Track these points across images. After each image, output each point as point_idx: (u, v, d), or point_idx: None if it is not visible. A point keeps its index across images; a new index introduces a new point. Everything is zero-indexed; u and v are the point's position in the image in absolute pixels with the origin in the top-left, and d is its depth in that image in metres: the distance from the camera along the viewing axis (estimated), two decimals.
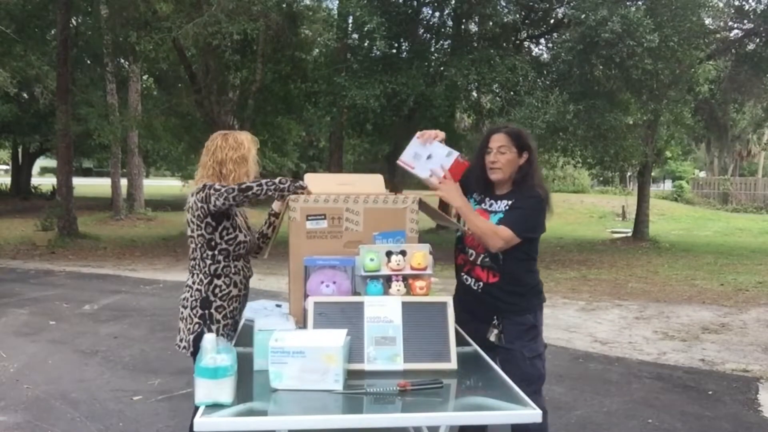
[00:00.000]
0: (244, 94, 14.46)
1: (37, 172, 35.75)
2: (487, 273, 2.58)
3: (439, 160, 2.52)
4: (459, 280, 2.72)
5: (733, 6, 13.98)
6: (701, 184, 30.26)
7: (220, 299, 2.60)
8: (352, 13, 11.83)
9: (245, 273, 2.70)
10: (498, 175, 2.58)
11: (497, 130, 2.64)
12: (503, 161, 2.56)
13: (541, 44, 14.67)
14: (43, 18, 14.42)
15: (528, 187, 2.57)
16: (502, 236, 2.46)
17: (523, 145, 2.59)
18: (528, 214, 2.53)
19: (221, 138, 2.67)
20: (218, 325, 2.60)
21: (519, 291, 2.60)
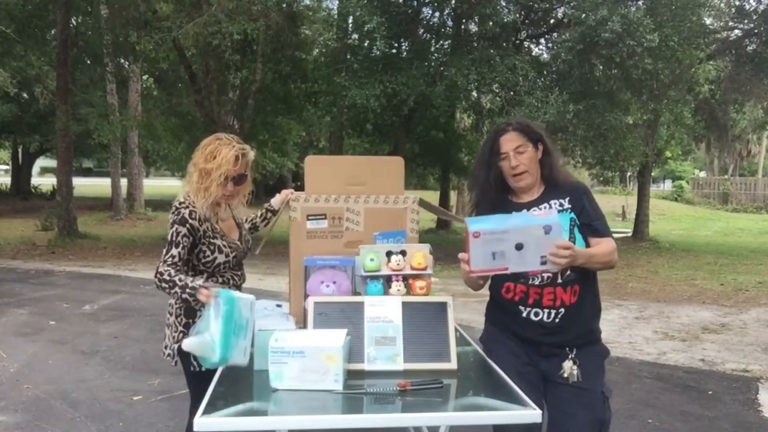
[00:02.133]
0: (244, 94, 14.46)
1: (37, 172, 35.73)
2: (570, 292, 2.14)
3: (537, 240, 1.91)
4: (510, 317, 2.21)
5: (734, 6, 13.98)
6: (701, 184, 30.27)
7: (204, 308, 2.45)
8: (352, 13, 11.82)
9: (234, 282, 2.54)
10: (526, 180, 2.20)
11: (503, 130, 2.23)
12: (527, 162, 2.19)
13: (541, 44, 14.68)
14: (43, 18, 14.41)
15: (563, 178, 2.26)
16: (613, 247, 2.15)
17: (536, 136, 2.24)
18: (596, 206, 2.23)
19: (209, 141, 2.45)
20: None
21: (596, 310, 2.25)
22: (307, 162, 2.54)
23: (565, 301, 2.14)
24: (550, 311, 2.15)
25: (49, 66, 14.23)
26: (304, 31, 14.11)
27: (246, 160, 2.41)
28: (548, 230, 1.90)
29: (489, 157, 2.23)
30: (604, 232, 2.17)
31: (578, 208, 2.18)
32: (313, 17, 14.15)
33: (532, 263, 1.92)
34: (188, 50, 13.69)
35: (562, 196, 2.20)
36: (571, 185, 2.24)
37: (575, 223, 2.15)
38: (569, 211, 2.17)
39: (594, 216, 2.19)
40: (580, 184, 2.28)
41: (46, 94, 15.36)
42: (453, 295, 2.74)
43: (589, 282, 2.20)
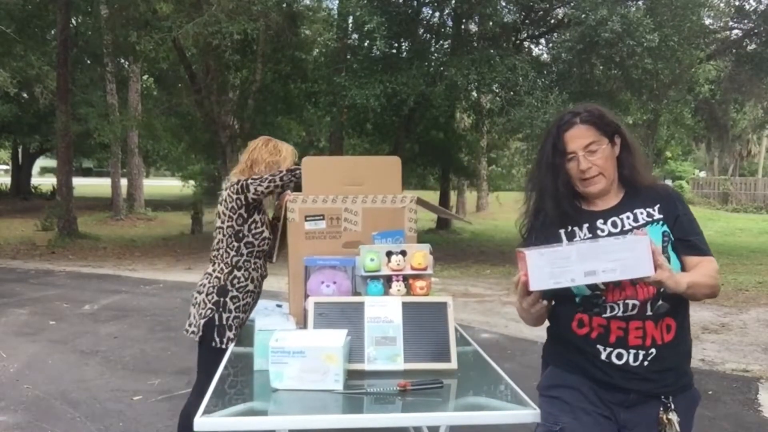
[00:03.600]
0: (244, 94, 14.46)
1: (37, 172, 35.74)
2: (662, 328, 1.69)
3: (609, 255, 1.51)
4: (586, 359, 1.74)
5: (734, 6, 13.98)
6: (701, 184, 30.26)
7: (237, 290, 2.68)
8: (352, 13, 11.83)
9: (262, 272, 2.81)
10: (600, 185, 1.74)
11: (569, 123, 1.76)
12: (602, 162, 1.73)
13: (541, 44, 14.67)
14: (43, 18, 14.42)
15: (648, 181, 1.81)
16: (716, 269, 1.72)
17: (611, 128, 1.77)
18: (693, 218, 1.79)
19: (263, 141, 2.83)
20: (229, 315, 2.66)
21: (689, 347, 1.81)
22: (303, 163, 2.55)
23: (656, 339, 1.68)
24: (638, 352, 1.68)
25: (49, 66, 14.24)
26: (304, 31, 14.11)
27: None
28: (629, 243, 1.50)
29: (553, 159, 1.76)
30: (705, 251, 1.73)
31: (671, 219, 1.73)
32: (313, 17, 14.16)
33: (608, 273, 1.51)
34: (188, 50, 13.68)
35: (650, 204, 1.75)
36: (660, 190, 1.79)
37: (669, 239, 1.71)
38: (661, 223, 1.72)
39: (691, 229, 1.74)
40: (669, 188, 1.85)
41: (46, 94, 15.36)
42: (453, 295, 2.75)
43: (682, 314, 1.75)
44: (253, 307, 2.79)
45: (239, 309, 2.69)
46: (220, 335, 2.61)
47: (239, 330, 2.68)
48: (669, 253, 1.70)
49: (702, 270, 1.68)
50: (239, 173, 2.78)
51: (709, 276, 1.67)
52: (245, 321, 2.73)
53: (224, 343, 2.59)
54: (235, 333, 2.65)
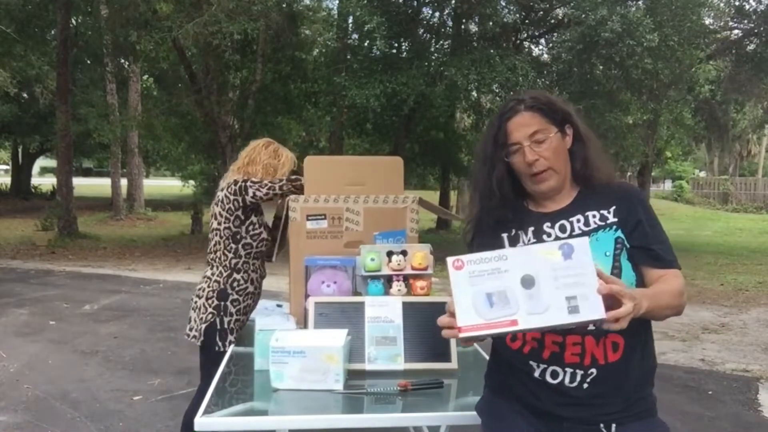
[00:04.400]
0: (244, 94, 14.46)
1: (37, 172, 35.74)
2: (606, 346, 1.44)
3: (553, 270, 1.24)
4: (518, 378, 1.53)
5: (733, 6, 13.99)
6: (701, 184, 30.27)
7: (237, 293, 2.67)
8: (352, 13, 11.83)
9: (261, 272, 2.80)
10: (550, 181, 1.51)
11: (512, 110, 1.52)
12: (550, 155, 1.49)
13: (541, 44, 14.68)
14: (43, 18, 14.41)
15: (606, 178, 1.55)
16: (682, 284, 1.47)
17: (561, 115, 1.53)
18: (657, 222, 1.53)
19: (264, 143, 2.80)
20: (230, 318, 2.65)
21: (649, 369, 1.52)
22: (306, 162, 2.54)
23: (598, 359, 1.42)
24: (575, 372, 1.43)
25: (49, 66, 14.25)
26: (304, 31, 14.12)
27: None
28: (568, 252, 1.23)
29: (493, 152, 1.54)
30: (671, 262, 1.47)
31: (630, 223, 1.47)
32: (313, 17, 14.16)
33: (555, 311, 1.21)
34: (188, 50, 13.68)
35: (605, 205, 1.50)
36: (618, 188, 1.54)
37: (623, 245, 1.45)
38: (615, 228, 1.47)
39: (655, 236, 1.48)
40: (631, 187, 1.59)
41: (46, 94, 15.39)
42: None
43: (637, 331, 1.41)
44: (253, 309, 2.78)
45: (240, 312, 2.69)
46: (222, 339, 2.61)
47: (240, 332, 2.68)
48: (622, 262, 1.44)
49: (665, 286, 1.42)
50: (236, 171, 2.76)
51: (674, 293, 1.42)
52: (245, 323, 2.73)
53: (226, 347, 2.60)
54: (236, 335, 2.65)
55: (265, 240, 2.73)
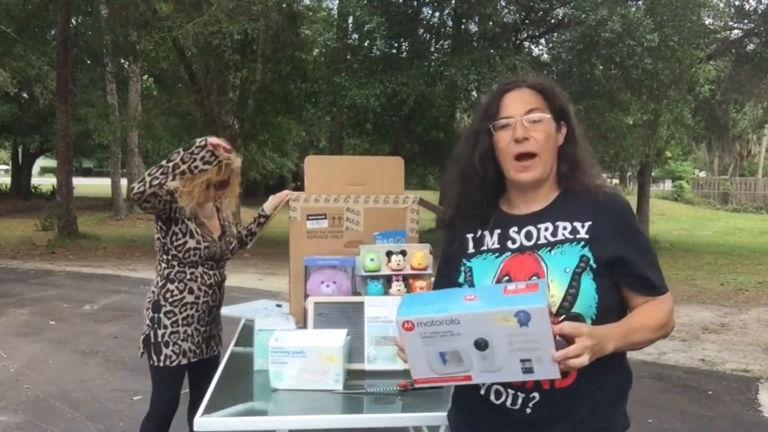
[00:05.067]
0: (244, 94, 14.47)
1: (37, 172, 35.76)
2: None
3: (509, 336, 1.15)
4: (466, 397, 1.44)
5: (733, 6, 13.99)
6: (701, 184, 30.28)
7: (171, 304, 2.48)
8: (352, 13, 11.84)
9: (205, 279, 2.53)
10: (535, 171, 1.35)
11: (514, 83, 1.39)
12: (542, 138, 1.33)
13: (541, 44, 14.68)
14: (43, 18, 14.42)
15: (591, 183, 1.38)
16: (669, 310, 1.35)
17: (559, 107, 1.39)
18: (646, 241, 1.37)
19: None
20: (164, 331, 2.47)
21: (606, 396, 1.36)
22: (307, 162, 2.54)
23: (541, 382, 1.29)
24: (517, 394, 1.32)
25: (49, 66, 14.25)
26: (304, 31, 14.12)
27: (230, 169, 2.47)
28: (525, 320, 1.12)
29: (480, 124, 1.38)
30: (660, 288, 1.33)
31: (609, 243, 1.30)
32: (313, 17, 14.17)
33: (509, 370, 1.18)
34: (188, 50, 13.68)
35: (581, 217, 1.33)
36: (603, 197, 1.35)
37: (587, 265, 1.28)
38: (583, 245, 1.30)
39: (645, 260, 1.32)
40: (617, 198, 1.37)
41: (46, 94, 15.39)
42: None
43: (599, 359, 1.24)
44: (210, 316, 2.59)
45: (177, 323, 2.48)
46: (157, 353, 2.46)
47: (192, 343, 2.51)
48: (581, 283, 1.27)
49: (645, 318, 1.29)
50: None
51: (653, 327, 1.29)
52: (197, 333, 2.54)
53: (161, 361, 2.45)
54: (178, 349, 2.47)
55: (194, 249, 2.47)
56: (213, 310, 2.60)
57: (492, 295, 1.17)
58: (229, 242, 2.63)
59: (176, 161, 2.26)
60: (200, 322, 2.54)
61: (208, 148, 2.28)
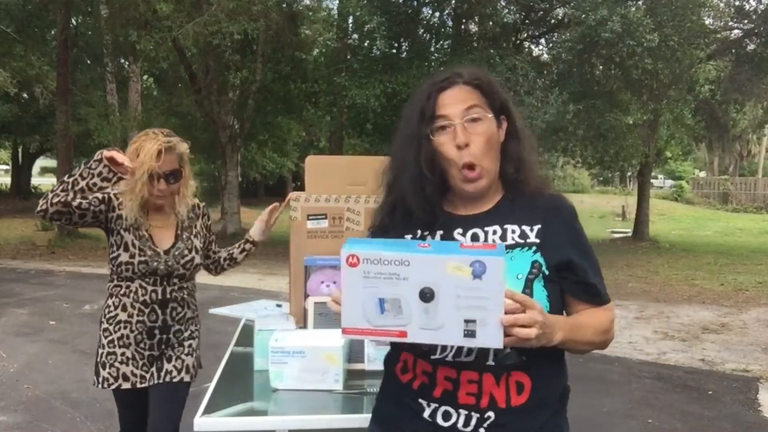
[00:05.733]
0: (244, 94, 14.47)
1: (37, 172, 35.74)
2: (509, 385, 1.22)
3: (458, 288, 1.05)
4: (407, 416, 1.30)
5: (733, 6, 13.99)
6: (701, 184, 30.28)
7: (107, 321, 2.28)
8: (352, 13, 11.86)
9: (138, 296, 2.21)
10: (483, 182, 1.27)
11: (449, 80, 1.28)
12: (483, 142, 1.24)
13: (541, 44, 14.69)
14: (43, 18, 14.43)
15: (536, 184, 1.32)
16: (611, 320, 1.30)
17: (500, 101, 1.30)
18: (590, 247, 1.33)
19: (135, 139, 2.20)
20: (102, 351, 2.29)
21: (555, 406, 1.30)
22: (307, 162, 2.54)
23: (497, 400, 1.21)
24: (470, 414, 1.22)
25: (49, 66, 14.24)
26: (304, 31, 14.13)
27: (176, 155, 2.18)
28: (479, 271, 1.04)
29: (418, 127, 1.27)
30: (603, 297, 1.29)
31: (559, 248, 1.25)
32: (313, 17, 14.17)
33: (450, 331, 1.07)
34: (188, 50, 13.69)
35: (529, 221, 1.27)
36: (548, 203, 1.30)
37: (539, 271, 1.23)
38: (534, 250, 1.24)
39: (588, 268, 1.28)
40: (563, 201, 1.33)
41: (46, 94, 15.37)
42: None
43: (546, 362, 1.24)
44: (148, 340, 2.24)
45: (113, 343, 2.25)
46: (96, 374, 2.31)
47: (134, 366, 2.25)
48: (534, 289, 1.22)
49: (590, 320, 1.24)
50: None
51: (598, 330, 1.25)
52: (139, 356, 2.25)
53: (99, 383, 2.29)
54: (116, 372, 2.25)
55: (127, 264, 2.18)
56: (154, 332, 2.24)
57: (446, 247, 1.12)
58: (181, 256, 2.26)
59: (75, 177, 2.00)
60: (141, 344, 2.24)
61: (104, 163, 1.99)
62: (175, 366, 2.27)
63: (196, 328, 2.38)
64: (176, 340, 2.29)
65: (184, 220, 2.33)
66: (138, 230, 2.20)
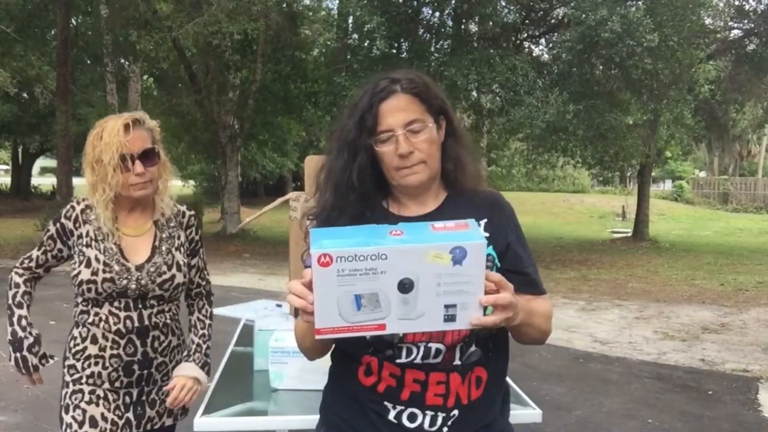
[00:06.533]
0: (244, 94, 14.48)
1: (37, 172, 35.75)
2: (471, 382, 1.27)
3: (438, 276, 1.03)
4: (367, 420, 1.29)
5: (733, 6, 13.99)
6: (701, 184, 30.27)
7: (73, 356, 1.91)
8: (352, 13, 11.85)
9: (110, 325, 1.79)
10: (423, 175, 1.28)
11: (389, 90, 1.28)
12: (426, 147, 1.27)
13: (541, 44, 14.69)
14: (43, 18, 14.44)
15: (474, 182, 1.36)
16: (551, 311, 1.35)
17: (437, 104, 1.34)
18: (525, 242, 1.37)
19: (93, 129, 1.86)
20: (67, 390, 1.91)
21: (500, 404, 1.37)
22: (307, 162, 2.54)
23: (461, 398, 1.25)
24: (437, 414, 1.25)
25: (49, 66, 14.26)
26: (304, 31, 14.13)
27: (146, 130, 1.81)
28: (460, 257, 1.01)
29: (357, 137, 1.28)
30: (541, 288, 1.33)
31: (501, 240, 1.30)
32: (313, 17, 14.18)
33: (430, 318, 1.05)
34: (188, 50, 13.70)
35: (476, 216, 1.24)
36: (488, 198, 1.36)
37: (493, 264, 1.26)
38: (488, 245, 1.21)
39: (526, 258, 1.33)
40: (500, 198, 1.39)
41: (46, 94, 15.37)
42: None
43: (499, 359, 1.32)
44: (126, 378, 1.82)
45: (80, 382, 1.87)
46: (60, 418, 1.94)
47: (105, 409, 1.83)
48: None
49: (538, 307, 1.26)
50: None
51: (545, 315, 1.29)
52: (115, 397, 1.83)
53: (63, 430, 1.93)
54: (81, 415, 1.86)
55: (88, 282, 1.77)
56: (132, 367, 1.80)
57: (420, 231, 1.05)
58: (157, 273, 1.80)
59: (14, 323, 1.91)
60: (116, 383, 1.82)
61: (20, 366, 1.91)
62: (158, 412, 1.84)
63: (182, 358, 1.93)
64: (159, 375, 1.85)
65: (164, 227, 1.87)
66: (104, 241, 1.79)
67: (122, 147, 1.72)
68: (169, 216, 1.90)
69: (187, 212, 1.97)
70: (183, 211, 1.95)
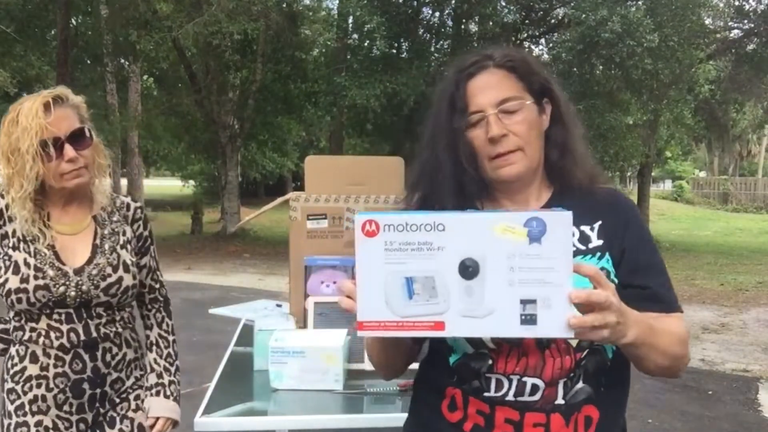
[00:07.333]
0: (244, 94, 14.49)
1: None
2: (576, 424, 1.05)
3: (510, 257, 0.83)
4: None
5: (733, 6, 14.00)
6: (701, 184, 30.28)
7: (12, 378, 1.54)
8: (352, 13, 11.86)
9: (52, 340, 1.51)
10: (520, 165, 1.08)
11: (478, 64, 1.10)
12: (523, 130, 1.07)
13: (541, 44, 14.70)
14: (43, 18, 14.43)
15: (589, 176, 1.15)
16: (686, 332, 1.07)
17: (540, 82, 1.13)
18: (654, 247, 1.12)
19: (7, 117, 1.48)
20: (9, 422, 1.52)
21: None
22: (307, 162, 2.54)
23: None
24: None
25: (49, 66, 14.26)
26: (304, 31, 14.15)
27: (71, 107, 1.53)
28: (538, 233, 0.82)
29: (449, 120, 1.10)
30: (673, 304, 1.07)
31: (617, 247, 1.08)
32: (313, 17, 14.20)
33: (502, 318, 0.84)
34: (188, 50, 13.71)
35: (588, 219, 1.09)
36: (606, 197, 1.13)
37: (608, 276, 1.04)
38: (599, 255, 1.07)
39: (652, 267, 1.09)
40: (621, 197, 1.17)
41: None
42: None
43: (615, 392, 1.12)
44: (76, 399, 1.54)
45: (23, 409, 1.52)
46: None
47: None
48: None
49: (666, 326, 1.01)
50: None
51: (676, 338, 1.02)
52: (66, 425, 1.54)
53: None
54: None
55: (19, 291, 1.47)
56: (82, 386, 1.54)
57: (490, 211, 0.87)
58: (101, 276, 1.54)
59: None
60: (64, 407, 1.54)
61: None
62: (120, 430, 1.60)
63: (142, 374, 1.68)
64: (116, 393, 1.60)
65: (106, 223, 1.60)
66: (34, 243, 1.50)
67: (44, 131, 1.42)
68: (111, 209, 1.63)
69: (133, 204, 1.73)
70: (128, 203, 1.71)
